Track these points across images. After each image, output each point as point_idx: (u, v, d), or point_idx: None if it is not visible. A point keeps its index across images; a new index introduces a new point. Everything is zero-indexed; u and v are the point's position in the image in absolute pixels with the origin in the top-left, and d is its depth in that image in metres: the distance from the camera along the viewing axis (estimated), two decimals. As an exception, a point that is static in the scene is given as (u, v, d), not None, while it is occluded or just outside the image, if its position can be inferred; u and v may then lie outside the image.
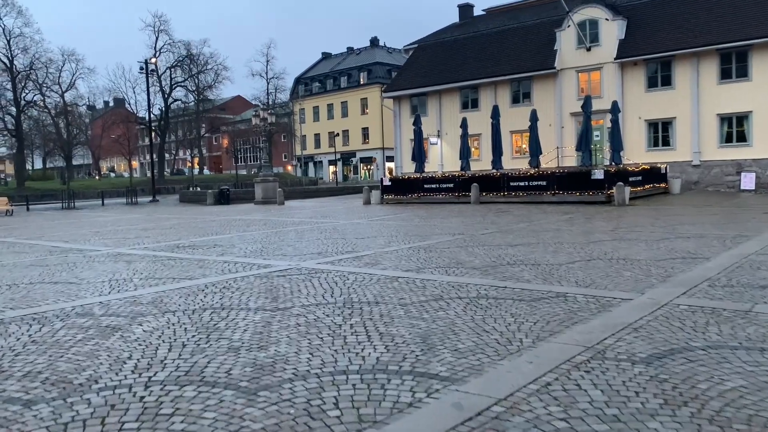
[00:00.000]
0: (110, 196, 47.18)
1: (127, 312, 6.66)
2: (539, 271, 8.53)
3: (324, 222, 18.34)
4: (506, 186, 23.62)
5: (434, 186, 25.68)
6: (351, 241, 12.82)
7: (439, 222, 16.94)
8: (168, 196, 51.51)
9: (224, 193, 34.75)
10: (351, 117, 74.72)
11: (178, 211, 29.55)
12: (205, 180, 62.87)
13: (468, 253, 10.39)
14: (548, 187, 22.56)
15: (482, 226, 15.17)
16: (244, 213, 24.93)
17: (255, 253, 11.50)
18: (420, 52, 39.09)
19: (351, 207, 25.95)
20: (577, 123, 32.28)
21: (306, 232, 15.37)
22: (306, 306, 6.70)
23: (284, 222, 18.89)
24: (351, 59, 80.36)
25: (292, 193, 37.09)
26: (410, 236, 13.50)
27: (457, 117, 35.36)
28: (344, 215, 21.17)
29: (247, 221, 19.88)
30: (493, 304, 6.53)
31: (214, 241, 13.96)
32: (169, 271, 9.48)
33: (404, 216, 19.72)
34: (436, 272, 8.67)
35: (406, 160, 38.43)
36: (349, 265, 9.54)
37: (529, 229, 14.26)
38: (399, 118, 38.80)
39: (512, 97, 34.46)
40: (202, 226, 18.27)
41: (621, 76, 30.59)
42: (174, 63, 60.25)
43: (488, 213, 19.45)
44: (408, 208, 23.27)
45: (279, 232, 15.59)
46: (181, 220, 21.99)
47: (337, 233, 14.71)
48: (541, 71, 32.67)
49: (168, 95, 61.42)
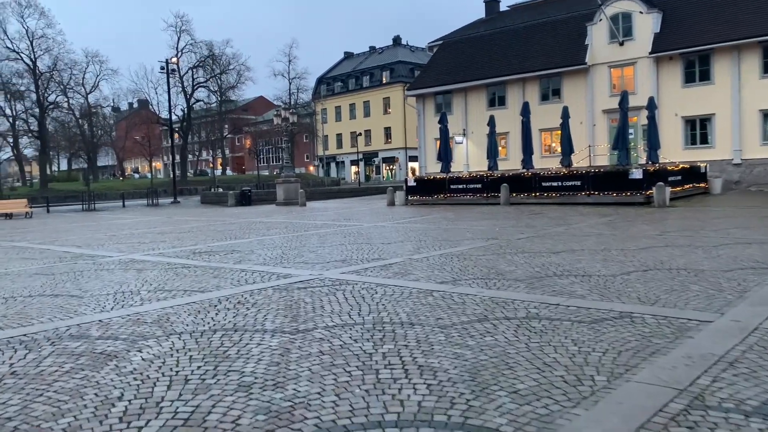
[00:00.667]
0: (132, 198, 46.94)
1: (128, 333, 5.85)
2: (592, 284, 7.55)
3: (347, 225, 17.49)
4: (538, 186, 22.56)
5: (461, 186, 24.71)
6: (377, 247, 11.94)
7: (469, 225, 15.99)
8: (190, 197, 51.19)
9: (245, 195, 34.14)
10: (373, 117, 73.96)
11: (199, 213, 28.97)
12: (227, 181, 62.54)
13: (507, 262, 9.44)
14: (582, 187, 21.46)
15: (517, 230, 14.19)
16: (265, 215, 24.21)
17: (274, 260, 10.68)
18: (445, 49, 38.11)
19: (375, 208, 25.09)
20: (610, 120, 31.10)
21: (329, 236, 14.53)
22: (330, 327, 5.83)
23: (306, 225, 18.09)
24: (373, 58, 79.62)
25: (313, 194, 36.38)
26: (440, 241, 12.58)
27: (483, 115, 34.39)
28: (368, 217, 20.31)
29: (268, 224, 19.11)
30: (548, 327, 5.59)
31: (232, 246, 13.18)
32: (180, 282, 8.68)
33: (431, 218, 18.80)
34: (475, 285, 7.74)
35: (430, 160, 37.52)
36: (376, 276, 8.66)
37: (569, 233, 13.25)
38: (423, 117, 37.86)
39: (541, 94, 33.33)
40: (221, 230, 17.54)
41: (656, 72, 29.32)
42: (196, 63, 60.04)
43: (521, 215, 18.44)
44: (434, 210, 22.34)
45: (300, 236, 14.78)
46: (201, 222, 21.32)
47: (361, 238, 13.84)
48: (572, 67, 31.51)
49: (190, 96, 61.18)
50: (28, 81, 56.72)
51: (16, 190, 59.00)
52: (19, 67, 56.23)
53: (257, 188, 47.80)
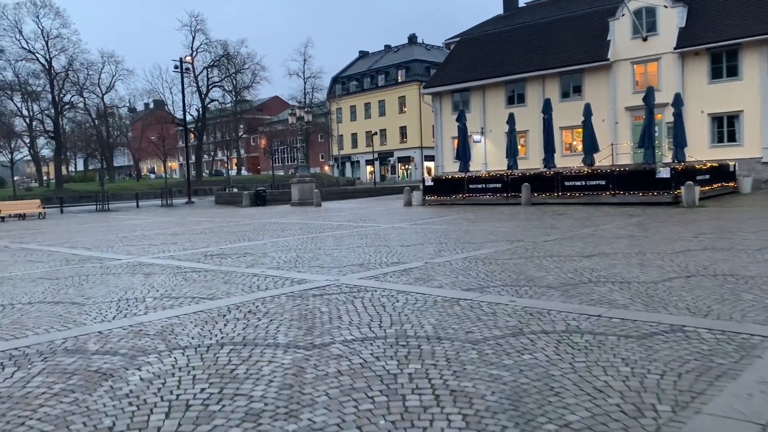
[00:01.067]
0: (147, 198, 46.79)
1: (128, 348, 5.34)
2: (633, 291, 6.93)
3: (364, 226, 16.95)
4: (560, 186, 21.86)
5: (480, 186, 24.06)
6: (396, 250, 11.38)
7: (491, 226, 15.38)
8: (205, 197, 50.97)
9: (260, 195, 33.73)
10: (389, 116, 73.39)
11: (212, 213, 28.59)
12: (242, 181, 62.31)
13: (536, 267, 8.83)
14: (607, 186, 20.74)
15: (542, 232, 13.56)
16: (279, 215, 23.74)
17: (289, 263, 10.15)
18: (462, 46, 37.45)
19: (391, 209, 24.53)
20: (633, 118, 30.29)
21: (345, 237, 13.99)
22: (349, 342, 5.28)
23: (321, 226, 17.57)
24: (389, 57, 79.04)
25: (329, 194, 35.90)
26: (462, 243, 11.98)
27: (502, 113, 33.69)
28: (385, 218, 19.76)
29: (282, 225, 18.63)
30: (593, 343, 5.00)
31: (245, 248, 12.68)
32: (189, 288, 8.18)
33: (450, 219, 18.20)
34: (505, 292, 7.16)
35: (447, 159, 36.89)
36: (396, 281, 8.10)
37: (597, 235, 12.60)
38: (440, 115, 37.24)
39: (562, 91, 32.57)
40: (235, 231, 17.07)
41: (681, 67, 28.46)
42: (211, 63, 59.81)
43: (544, 216, 17.78)
44: (453, 210, 21.73)
45: (316, 237, 14.25)
46: (214, 223, 20.89)
47: (379, 239, 13.29)
48: (593, 63, 30.73)
49: (205, 95, 60.98)
50: (43, 81, 56.82)
51: (32, 191, 59.15)
52: (35, 67, 56.36)
53: (272, 188, 47.44)
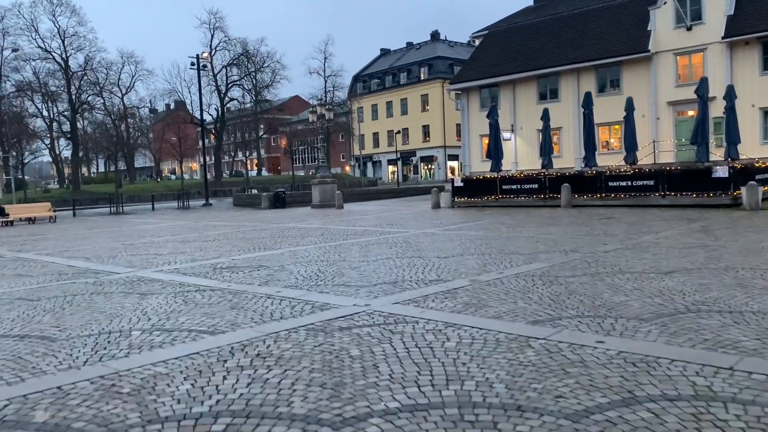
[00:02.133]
0: (165, 200, 45.80)
1: (87, 419, 3.86)
2: (754, 327, 5.32)
3: (391, 232, 15.41)
4: (603, 186, 20.14)
5: (515, 187, 22.39)
6: (432, 262, 9.83)
7: (534, 232, 13.74)
8: (224, 198, 49.86)
9: (279, 197, 32.38)
10: (411, 114, 71.84)
11: (230, 216, 27.27)
12: (261, 182, 61.19)
13: (610, 288, 7.23)
14: (656, 187, 18.98)
15: (596, 239, 11.91)
16: (299, 219, 22.31)
17: (309, 280, 8.66)
18: (490, 40, 35.75)
19: (418, 212, 22.96)
20: (676, 113, 28.41)
21: (372, 246, 12.46)
22: (392, 415, 3.74)
23: (345, 232, 16.07)
24: (411, 54, 77.50)
25: (351, 195, 34.44)
26: (508, 255, 10.39)
27: (533, 109, 32.01)
28: (413, 223, 18.21)
29: (302, 231, 17.17)
30: (752, 423, 3.40)
31: (261, 259, 11.22)
32: (188, 316, 6.72)
33: (485, 224, 16.59)
34: (585, 326, 5.58)
35: (475, 158, 35.25)
36: (441, 308, 6.57)
37: (663, 244, 10.92)
38: (467, 112, 35.59)
39: (598, 85, 30.76)
40: (251, 237, 15.64)
41: (729, 58, 26.52)
42: (230, 61, 58.69)
43: (590, 220, 16.09)
44: (485, 214, 20.11)
45: (339, 246, 12.75)
46: (230, 228, 19.52)
47: (410, 248, 11.74)
48: (633, 55, 28.89)
49: (224, 94, 59.90)
50: (60, 81, 56.09)
51: (49, 192, 58.60)
52: (53, 67, 55.66)
53: (292, 189, 46.20)
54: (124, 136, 73.84)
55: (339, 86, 69.23)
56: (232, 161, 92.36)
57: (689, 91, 28.13)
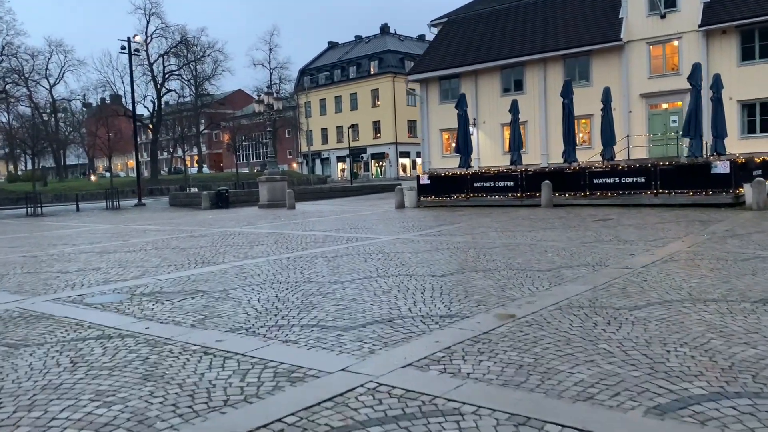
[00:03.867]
0: (95, 199, 41.85)
1: None
2: None
3: (359, 238, 12.88)
4: (588, 184, 18.15)
5: (488, 185, 20.19)
6: (428, 284, 7.40)
7: (532, 238, 11.48)
8: (162, 197, 46.17)
9: (222, 196, 29.30)
10: (361, 110, 69.33)
11: (164, 218, 24.14)
12: (202, 179, 57.45)
13: (709, 327, 4.91)
14: (648, 184, 17.09)
15: (615, 248, 9.70)
16: (245, 222, 19.50)
17: (265, 316, 6.09)
18: (450, 28, 33.58)
19: (382, 213, 20.50)
20: (649, 106, 26.89)
21: (342, 259, 9.91)
22: None
23: (303, 238, 13.44)
24: (360, 48, 74.98)
25: (302, 194, 31.70)
26: (523, 271, 8.04)
27: (497, 102, 30.03)
28: (381, 226, 15.72)
29: (250, 237, 14.43)
30: None
31: (197, 279, 8.52)
32: (63, 403, 4.03)
33: (465, 227, 14.26)
34: (732, 420, 3.21)
35: (435, 153, 33.06)
36: (484, 374, 4.13)
37: (708, 255, 8.79)
38: (426, 105, 33.33)
39: (566, 76, 28.88)
40: (186, 246, 12.82)
41: (706, 48, 25.10)
42: (167, 50, 54.67)
43: (584, 222, 13.97)
44: (459, 214, 17.82)
45: (299, 259, 10.15)
46: (162, 233, 16.58)
47: (392, 262, 9.26)
48: (603, 44, 27.22)
49: (161, 86, 55.80)
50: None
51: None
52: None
53: (236, 187, 43.07)
54: (54, 130, 68.42)
55: (285, 79, 66.04)
56: (171, 158, 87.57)
57: (663, 82, 26.72)
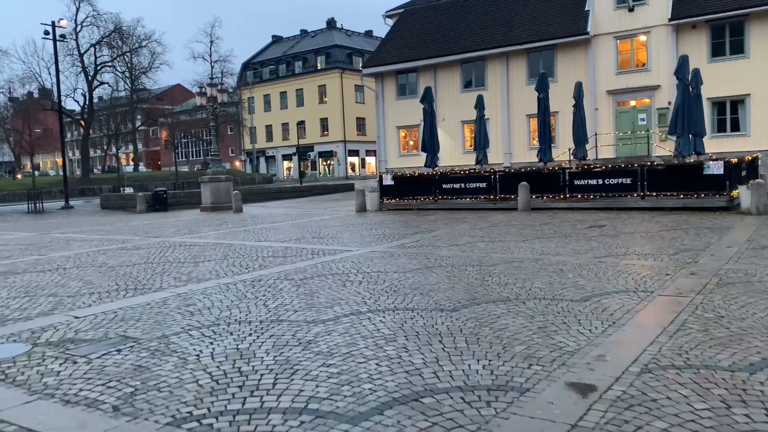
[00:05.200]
0: (20, 200, 38.13)
1: None
2: None
3: (327, 251, 10.93)
4: (568, 185, 16.71)
5: (458, 186, 18.52)
6: (444, 326, 5.59)
7: (530, 250, 9.81)
8: (93, 198, 42.69)
9: (159, 197, 26.65)
10: (308, 106, 66.94)
11: (94, 224, 21.48)
12: (138, 179, 53.89)
13: None
14: (634, 186, 15.76)
15: (643, 267, 8.11)
16: (187, 229, 17.20)
17: (225, 390, 4.13)
18: (407, 19, 31.88)
19: (342, 217, 18.55)
20: (616, 104, 25.88)
21: (313, 282, 7.95)
22: None
23: (258, 251, 11.38)
24: (306, 42, 72.50)
25: (248, 195, 29.35)
26: (555, 304, 6.31)
27: (457, 98, 28.53)
28: (347, 234, 13.79)
29: (195, 249, 12.25)
30: None
31: (126, 318, 6.42)
32: None
33: (446, 236, 12.50)
34: None
35: (392, 152, 31.31)
36: None
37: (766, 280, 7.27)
38: (382, 101, 31.53)
39: (530, 71, 27.71)
40: (116, 264, 10.57)
41: (675, 43, 24.22)
42: (99, 39, 50.88)
43: (577, 229, 12.43)
44: (430, 219, 16.08)
45: (259, 282, 8.14)
46: (88, 245, 14.17)
47: (379, 288, 7.39)
48: (569, 38, 26.06)
49: (93, 78, 51.93)
50: None
51: None
52: None
53: (175, 188, 40.19)
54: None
55: (228, 73, 62.92)
56: (105, 156, 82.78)
57: (630, 78, 25.76)
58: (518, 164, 26.00)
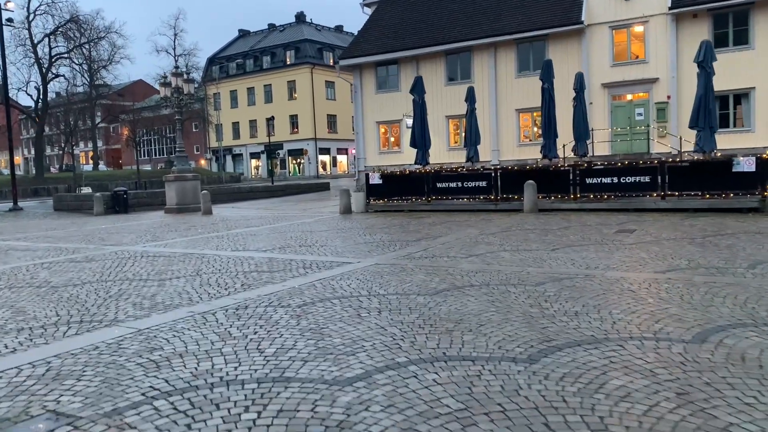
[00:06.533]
0: (-36, 201, 35.22)
1: None
2: None
3: (322, 264, 9.07)
4: (578, 184, 15.13)
5: (454, 185, 16.80)
6: (521, 389, 3.81)
7: (572, 263, 8.13)
8: (48, 199, 39.87)
9: (120, 198, 24.32)
10: (276, 102, 64.64)
11: (43, 228, 19.19)
12: (98, 178, 50.99)
13: None
14: (653, 185, 14.26)
15: (746, 289, 6.47)
16: (150, 235, 15.12)
17: None
18: (387, 7, 30.09)
19: (326, 220, 16.66)
20: (612, 97, 24.51)
21: (316, 310, 6.10)
22: None
23: (237, 264, 9.46)
24: (274, 37, 70.16)
25: (217, 195, 27.21)
26: (672, 345, 4.58)
27: (441, 91, 26.90)
28: (339, 241, 11.93)
29: (159, 262, 10.25)
30: None
31: (64, 375, 4.50)
32: None
33: (456, 243, 10.75)
34: None
35: (371, 149, 29.51)
36: None
37: None
38: (360, 94, 29.68)
39: (519, 63, 26.21)
40: (60, 283, 8.54)
41: (675, 33, 22.95)
42: (54, 29, 47.77)
43: (604, 234, 10.81)
44: (428, 223, 14.32)
45: (245, 310, 6.25)
46: (31, 255, 12.05)
47: (410, 321, 5.60)
48: (561, 28, 24.61)
49: (47, 70, 48.76)
50: None
51: None
52: None
53: (137, 187, 37.76)
54: None
55: (193, 67, 60.16)
56: (63, 154, 79.00)
57: (627, 71, 24.43)
58: (507, 162, 24.50)
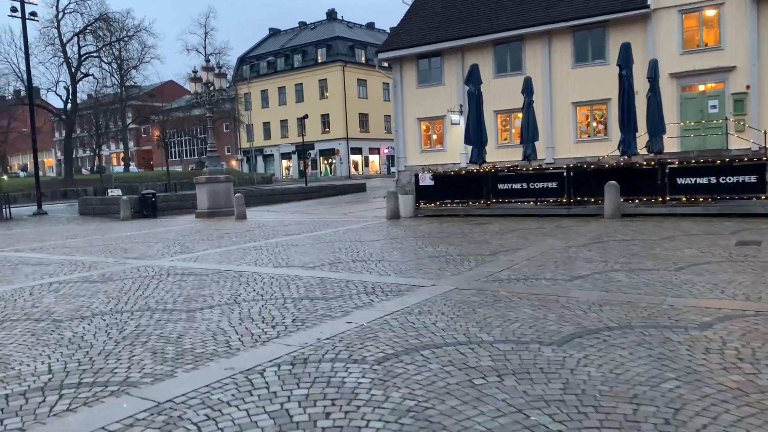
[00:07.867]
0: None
1: None
2: None
3: (387, 288, 7.27)
4: (668, 185, 13.08)
5: (518, 187, 14.87)
6: None
7: (715, 287, 6.21)
8: (76, 201, 38.83)
9: (148, 201, 22.85)
10: (308, 102, 63.16)
11: (64, 236, 17.75)
12: (128, 180, 50.04)
13: None
14: (761, 185, 12.15)
15: None
16: (179, 245, 13.48)
17: None
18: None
19: (373, 226, 14.85)
20: (681, 88, 22.31)
21: (404, 372, 4.26)
22: None
23: (282, 285, 7.70)
24: (305, 35, 68.74)
25: (249, 198, 25.63)
26: None
27: (489, 84, 24.92)
28: (397, 254, 10.10)
29: (188, 283, 8.56)
30: None
31: None
32: None
33: (539, 257, 8.85)
34: None
35: (411, 148, 27.71)
36: None
37: None
38: (400, 89, 27.87)
39: (576, 53, 24.12)
40: (63, 314, 6.89)
41: (756, 18, 20.66)
42: (83, 27, 46.88)
43: (727, 247, 8.78)
44: (496, 231, 12.42)
45: (303, 368, 4.44)
46: (42, 273, 10.49)
47: (541, 389, 3.72)
48: (624, 13, 22.47)
49: (76, 69, 47.94)
50: None
51: None
52: None
53: (167, 190, 36.47)
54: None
55: (223, 66, 58.96)
56: (94, 155, 78.70)
57: (699, 59, 22.18)
58: (563, 160, 22.42)
